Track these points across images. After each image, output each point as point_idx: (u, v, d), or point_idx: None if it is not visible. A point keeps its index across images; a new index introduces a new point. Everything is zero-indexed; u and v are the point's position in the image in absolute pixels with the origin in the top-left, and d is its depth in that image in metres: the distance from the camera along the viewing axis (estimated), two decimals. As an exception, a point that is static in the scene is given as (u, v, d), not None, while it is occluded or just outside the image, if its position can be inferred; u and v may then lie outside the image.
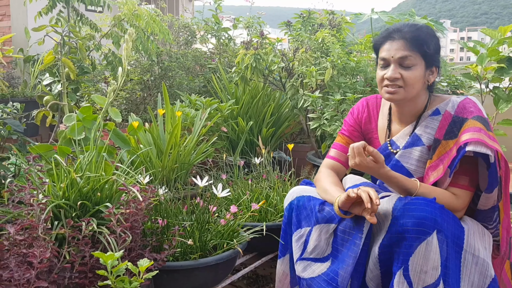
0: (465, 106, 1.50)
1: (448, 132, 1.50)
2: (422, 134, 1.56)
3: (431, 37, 1.51)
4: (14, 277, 1.23)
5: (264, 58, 2.95)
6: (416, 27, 1.52)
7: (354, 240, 1.45)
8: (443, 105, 1.56)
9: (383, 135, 1.69)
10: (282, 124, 3.32)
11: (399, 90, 1.52)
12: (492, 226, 1.50)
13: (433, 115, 1.56)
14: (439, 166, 1.49)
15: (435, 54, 1.52)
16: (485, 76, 2.56)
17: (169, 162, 2.37)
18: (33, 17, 2.90)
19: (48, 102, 2.70)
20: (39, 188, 1.52)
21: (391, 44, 1.52)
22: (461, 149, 1.42)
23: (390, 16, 2.82)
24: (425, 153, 1.56)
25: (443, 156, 1.49)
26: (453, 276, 1.36)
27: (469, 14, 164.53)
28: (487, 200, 1.46)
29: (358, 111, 1.76)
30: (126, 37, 1.70)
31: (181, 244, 1.73)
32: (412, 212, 1.34)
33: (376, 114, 1.73)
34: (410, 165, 1.58)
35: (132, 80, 3.71)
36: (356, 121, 1.75)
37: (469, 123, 1.45)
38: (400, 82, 1.51)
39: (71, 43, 2.74)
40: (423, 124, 1.57)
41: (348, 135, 1.76)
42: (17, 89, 4.47)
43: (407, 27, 1.52)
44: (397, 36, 1.51)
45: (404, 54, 1.49)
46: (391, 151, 1.63)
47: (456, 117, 1.50)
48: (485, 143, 1.38)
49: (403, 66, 1.50)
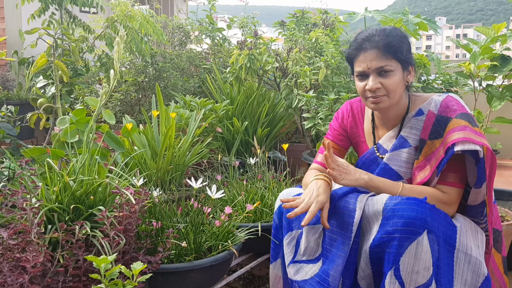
0: (447, 104, 1.51)
1: (433, 132, 1.51)
2: (408, 136, 1.57)
3: (402, 39, 1.52)
4: (7, 282, 1.23)
5: (258, 58, 2.95)
6: (386, 33, 1.52)
7: (342, 239, 1.46)
8: (425, 104, 1.56)
9: (369, 139, 1.70)
10: (277, 124, 3.32)
11: (383, 98, 1.53)
12: (483, 221, 1.51)
13: (417, 116, 1.57)
14: (426, 166, 1.50)
15: (408, 55, 1.53)
16: (478, 74, 2.57)
17: (164, 164, 2.37)
18: (26, 20, 2.89)
19: (42, 105, 2.70)
20: (32, 192, 1.52)
21: (365, 55, 1.52)
22: (449, 150, 1.42)
23: (383, 15, 2.82)
24: (413, 154, 1.56)
25: (430, 156, 1.50)
26: (446, 275, 1.37)
27: (464, 11, 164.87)
28: (477, 195, 1.47)
29: (343, 115, 1.76)
30: (117, 39, 1.70)
31: (176, 246, 1.73)
32: (402, 212, 1.35)
33: (362, 117, 1.73)
34: (399, 167, 1.58)
35: (127, 82, 3.71)
36: (341, 126, 1.76)
37: (454, 123, 1.46)
38: (382, 91, 1.52)
39: (64, 45, 2.73)
40: (408, 126, 1.58)
41: (332, 139, 1.76)
42: (12, 91, 4.45)
43: (377, 34, 1.52)
44: (369, 46, 1.51)
45: (380, 64, 1.50)
46: (378, 156, 1.64)
47: (440, 116, 1.50)
48: (472, 141, 1.39)
49: (382, 75, 1.51)
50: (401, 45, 1.51)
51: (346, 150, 1.79)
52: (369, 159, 1.67)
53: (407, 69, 1.55)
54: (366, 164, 1.68)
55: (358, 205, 1.44)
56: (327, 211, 1.47)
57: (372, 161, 1.66)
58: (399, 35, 1.52)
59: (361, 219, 1.44)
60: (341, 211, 1.48)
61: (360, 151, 1.74)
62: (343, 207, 1.48)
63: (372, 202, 1.43)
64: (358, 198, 1.46)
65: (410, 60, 1.54)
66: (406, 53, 1.52)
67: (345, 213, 1.47)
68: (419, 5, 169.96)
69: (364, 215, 1.44)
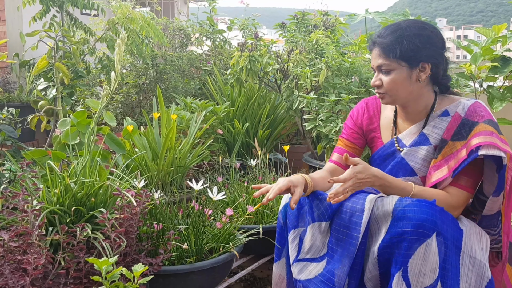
0: (475, 109, 1.51)
1: (456, 133, 1.50)
2: (430, 134, 1.57)
3: (404, 37, 1.51)
4: (8, 284, 1.23)
5: (259, 60, 2.96)
6: (393, 30, 1.54)
7: (349, 239, 1.45)
8: (452, 106, 1.56)
9: (386, 134, 1.69)
10: (278, 126, 3.32)
11: (384, 95, 1.57)
12: (496, 232, 1.50)
13: (442, 116, 1.56)
14: (443, 166, 1.50)
15: (416, 52, 1.51)
16: (479, 75, 2.56)
17: (165, 166, 2.37)
18: (28, 22, 2.90)
19: (43, 107, 2.70)
20: (33, 194, 1.52)
21: (373, 52, 1.58)
22: (473, 153, 1.42)
23: (383, 17, 2.82)
24: (431, 152, 1.56)
25: (449, 157, 1.49)
26: (452, 277, 1.36)
27: (465, 12, 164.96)
28: (494, 204, 1.46)
29: (358, 113, 1.77)
30: (118, 41, 1.70)
31: (177, 248, 1.73)
32: (413, 214, 1.34)
33: (378, 114, 1.74)
34: (415, 164, 1.58)
35: (128, 84, 3.71)
36: (356, 124, 1.76)
37: (481, 127, 1.45)
38: (382, 89, 1.57)
39: (65, 47, 2.74)
40: (432, 124, 1.57)
41: (346, 138, 1.77)
42: (13, 94, 4.46)
43: (386, 33, 1.55)
44: (375, 44, 1.57)
45: (379, 62, 1.55)
46: (397, 148, 1.64)
47: (466, 120, 1.50)
48: (498, 146, 1.38)
49: (383, 73, 1.56)
50: (398, 44, 1.50)
51: (362, 149, 1.78)
52: (385, 152, 1.66)
53: (417, 66, 1.53)
54: (381, 157, 1.67)
55: (367, 205, 1.44)
56: (298, 195, 1.48)
57: (388, 155, 1.65)
58: (402, 34, 1.51)
59: (369, 219, 1.44)
60: (349, 211, 1.47)
61: (374, 147, 1.73)
62: (351, 207, 1.47)
63: (381, 203, 1.43)
64: (367, 199, 1.45)
65: (419, 58, 1.52)
66: (408, 51, 1.50)
67: (353, 213, 1.46)
68: (419, 7, 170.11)
69: (373, 216, 1.43)
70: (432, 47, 1.52)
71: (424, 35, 1.52)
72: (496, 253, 1.56)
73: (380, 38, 1.55)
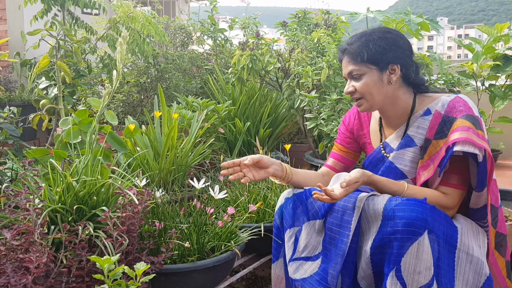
0: (454, 105, 1.50)
1: (438, 131, 1.50)
2: (415, 135, 1.57)
3: (370, 41, 1.53)
4: (10, 283, 1.23)
5: (260, 59, 2.95)
6: (359, 37, 1.57)
7: (341, 237, 1.45)
8: (433, 104, 1.56)
9: (375, 139, 1.71)
10: (279, 125, 3.32)
11: (361, 101, 1.58)
12: (486, 225, 1.50)
13: (425, 115, 1.56)
14: (430, 166, 1.49)
15: (383, 54, 1.52)
16: (481, 74, 2.56)
17: (166, 164, 2.37)
18: (29, 21, 2.90)
19: (44, 106, 2.70)
20: (35, 192, 1.52)
21: (343, 61, 1.61)
22: (450, 149, 1.42)
23: (385, 16, 2.82)
24: (418, 153, 1.56)
25: (434, 156, 1.49)
26: (446, 275, 1.36)
27: (466, 11, 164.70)
28: (478, 198, 1.46)
29: (349, 119, 1.80)
30: (120, 40, 1.70)
31: (179, 246, 1.73)
32: (403, 213, 1.34)
33: (368, 120, 1.76)
34: (404, 166, 1.58)
35: (129, 83, 3.71)
36: (348, 129, 1.80)
37: (458, 122, 1.45)
38: (357, 95, 1.58)
39: (67, 46, 2.74)
40: (415, 125, 1.57)
41: (340, 143, 1.82)
42: (14, 93, 4.46)
43: (351, 42, 1.58)
44: (343, 53, 1.59)
45: (349, 69, 1.57)
46: (384, 154, 1.64)
47: (446, 116, 1.49)
48: (473, 142, 1.37)
49: (355, 79, 1.57)
50: (365, 48, 1.53)
51: (357, 153, 1.80)
52: (375, 158, 1.67)
53: (386, 69, 1.54)
54: (372, 163, 1.68)
55: (358, 204, 1.44)
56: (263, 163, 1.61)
57: (378, 160, 1.66)
58: (368, 39, 1.54)
59: (360, 218, 1.44)
60: (340, 210, 1.48)
61: (366, 152, 1.75)
62: (343, 206, 1.48)
63: (372, 202, 1.43)
64: (358, 198, 1.46)
65: (386, 59, 1.53)
66: (375, 54, 1.52)
67: (344, 212, 1.47)
68: (420, 6, 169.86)
69: (364, 215, 1.44)
70: (398, 49, 1.55)
71: (389, 38, 1.55)
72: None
73: (347, 46, 1.58)
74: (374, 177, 1.49)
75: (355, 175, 1.44)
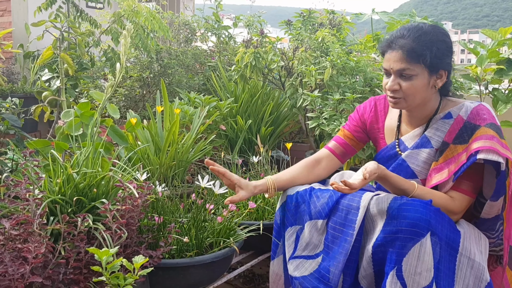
0: (478, 112, 1.48)
1: (458, 136, 1.49)
2: (432, 137, 1.55)
3: (433, 43, 1.46)
4: (8, 272, 1.23)
5: (263, 57, 2.95)
6: (418, 33, 1.47)
7: (344, 236, 1.45)
8: (456, 109, 1.54)
9: (390, 135, 1.68)
10: (281, 123, 3.32)
11: (399, 100, 1.52)
12: (494, 236, 1.49)
13: (445, 119, 1.54)
14: (444, 169, 1.48)
15: (441, 59, 1.47)
16: (485, 78, 2.55)
17: (167, 160, 2.37)
18: (33, 13, 2.89)
19: (46, 98, 2.70)
20: (35, 183, 1.52)
21: (391, 54, 1.50)
22: (472, 157, 1.41)
23: (390, 17, 2.81)
24: (432, 155, 1.54)
25: (450, 160, 1.48)
26: (445, 278, 1.36)
27: (470, 16, 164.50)
28: (491, 208, 1.45)
29: (364, 110, 1.75)
30: (124, 32, 1.70)
31: (177, 241, 1.72)
32: (407, 213, 1.34)
33: (384, 114, 1.72)
34: (416, 166, 1.57)
35: (131, 77, 3.71)
36: (361, 119, 1.75)
37: (482, 131, 1.44)
38: (400, 94, 1.50)
39: (70, 38, 2.74)
40: (434, 127, 1.55)
41: (348, 129, 1.77)
42: (16, 84, 4.46)
43: (407, 35, 1.47)
44: (397, 45, 1.48)
45: (402, 66, 1.47)
46: (398, 151, 1.63)
47: (468, 123, 1.48)
48: (497, 151, 1.37)
49: (403, 77, 1.49)
50: (428, 49, 1.45)
51: (360, 143, 1.76)
52: (387, 154, 1.66)
53: (436, 73, 1.50)
54: (384, 159, 1.66)
55: (362, 203, 1.44)
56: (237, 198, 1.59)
57: (390, 156, 1.64)
58: (431, 40, 1.46)
59: (365, 218, 1.43)
60: (345, 209, 1.48)
61: (378, 147, 1.73)
62: (347, 205, 1.47)
63: (377, 202, 1.42)
64: (362, 197, 1.45)
65: (442, 64, 1.48)
66: (435, 58, 1.46)
67: (349, 211, 1.46)
68: (425, 10, 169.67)
69: (368, 214, 1.43)
70: (451, 55, 1.51)
71: (448, 42, 1.50)
72: (496, 257, 1.55)
73: (403, 40, 1.47)
74: (387, 172, 1.48)
75: (372, 166, 1.43)
